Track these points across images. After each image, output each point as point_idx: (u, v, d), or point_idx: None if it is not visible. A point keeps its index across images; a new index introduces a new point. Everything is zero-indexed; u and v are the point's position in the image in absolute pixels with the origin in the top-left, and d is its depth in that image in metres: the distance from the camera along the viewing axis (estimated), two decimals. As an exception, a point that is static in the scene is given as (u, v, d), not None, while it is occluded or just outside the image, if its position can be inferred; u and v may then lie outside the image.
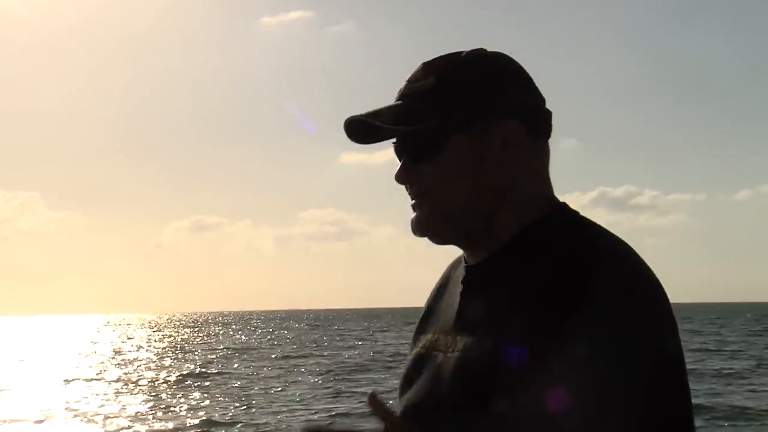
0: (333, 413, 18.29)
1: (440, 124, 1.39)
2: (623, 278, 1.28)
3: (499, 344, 1.29)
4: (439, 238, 1.44)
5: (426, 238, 1.42)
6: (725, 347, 37.60)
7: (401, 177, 1.44)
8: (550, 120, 1.46)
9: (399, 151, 1.45)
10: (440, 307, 1.51)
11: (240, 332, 71.40)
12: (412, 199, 1.43)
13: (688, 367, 1.31)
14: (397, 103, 1.43)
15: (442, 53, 1.46)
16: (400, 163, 1.44)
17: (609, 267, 1.28)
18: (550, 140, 1.47)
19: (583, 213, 1.44)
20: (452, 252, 1.53)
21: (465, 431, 1.29)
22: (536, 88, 1.46)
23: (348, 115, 1.41)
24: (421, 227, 1.42)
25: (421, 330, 1.53)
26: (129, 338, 63.81)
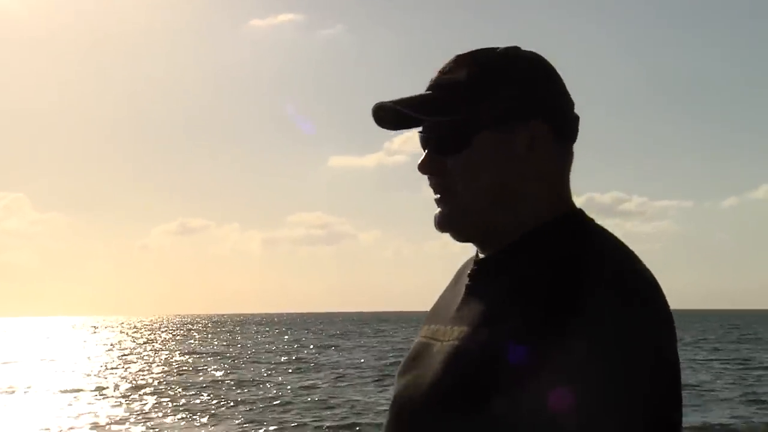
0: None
1: (468, 118, 1.40)
2: (622, 281, 1.28)
3: (492, 338, 1.30)
4: (460, 235, 1.45)
5: (449, 235, 1.44)
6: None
7: (424, 167, 1.44)
8: (577, 125, 1.47)
9: (424, 142, 1.45)
10: (447, 299, 1.52)
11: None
12: (435, 194, 1.44)
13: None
14: (427, 92, 1.43)
15: (476, 48, 1.46)
16: (424, 154, 1.45)
17: (608, 270, 1.29)
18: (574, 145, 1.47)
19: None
20: (438, 258, 1.19)
21: (453, 427, 1.28)
22: (566, 92, 1.46)
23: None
24: (442, 224, 1.44)
25: (427, 320, 1.54)
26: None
